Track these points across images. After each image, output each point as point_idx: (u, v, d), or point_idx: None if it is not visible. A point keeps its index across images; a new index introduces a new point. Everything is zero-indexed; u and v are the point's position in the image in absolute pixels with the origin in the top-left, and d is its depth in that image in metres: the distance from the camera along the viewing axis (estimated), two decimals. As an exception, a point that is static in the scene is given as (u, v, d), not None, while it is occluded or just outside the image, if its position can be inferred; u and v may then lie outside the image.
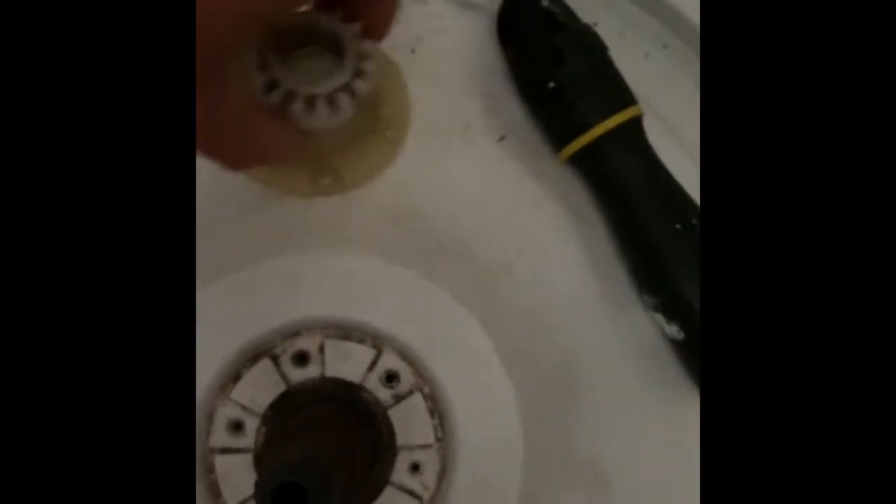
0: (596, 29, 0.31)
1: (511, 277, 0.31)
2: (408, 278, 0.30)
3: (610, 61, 0.30)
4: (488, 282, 0.31)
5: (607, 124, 0.29)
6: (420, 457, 0.29)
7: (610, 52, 0.30)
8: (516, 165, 0.32)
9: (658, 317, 0.30)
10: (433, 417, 0.29)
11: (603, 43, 0.30)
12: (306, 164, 0.30)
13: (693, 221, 0.29)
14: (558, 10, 0.30)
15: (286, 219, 0.31)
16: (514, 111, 0.32)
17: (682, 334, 0.29)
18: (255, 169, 0.30)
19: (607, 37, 0.31)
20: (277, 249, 0.30)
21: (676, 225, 0.29)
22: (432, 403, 0.30)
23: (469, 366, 0.29)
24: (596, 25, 0.32)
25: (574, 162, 0.31)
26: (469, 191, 0.31)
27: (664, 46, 0.34)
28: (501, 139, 0.32)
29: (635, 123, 0.30)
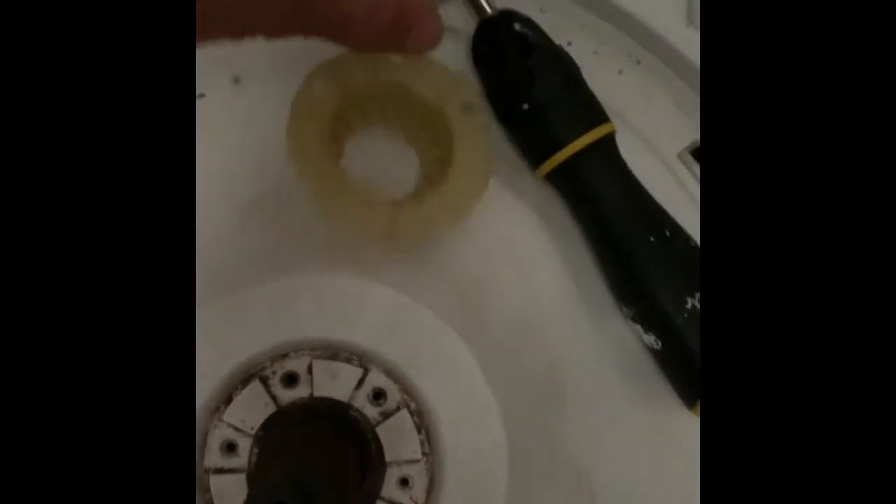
0: (570, 48, 0.32)
1: (494, 293, 0.32)
2: (392, 297, 0.30)
3: (582, 81, 0.31)
4: (471, 298, 0.32)
5: (581, 142, 0.30)
6: (409, 471, 0.30)
7: (583, 72, 0.31)
8: (496, 182, 0.32)
9: (636, 327, 0.31)
10: (420, 433, 0.30)
11: (574, 63, 0.31)
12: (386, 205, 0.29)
13: (666, 233, 0.30)
14: (530, 33, 0.30)
15: (276, 241, 0.32)
16: (493, 130, 0.33)
17: (659, 344, 0.30)
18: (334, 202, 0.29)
19: (582, 55, 0.32)
20: (267, 272, 0.31)
21: (650, 237, 0.30)
22: (419, 419, 0.30)
23: (454, 381, 0.30)
24: (570, 45, 0.32)
25: (551, 179, 0.31)
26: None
27: (637, 63, 0.34)
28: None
29: (608, 140, 0.30)
